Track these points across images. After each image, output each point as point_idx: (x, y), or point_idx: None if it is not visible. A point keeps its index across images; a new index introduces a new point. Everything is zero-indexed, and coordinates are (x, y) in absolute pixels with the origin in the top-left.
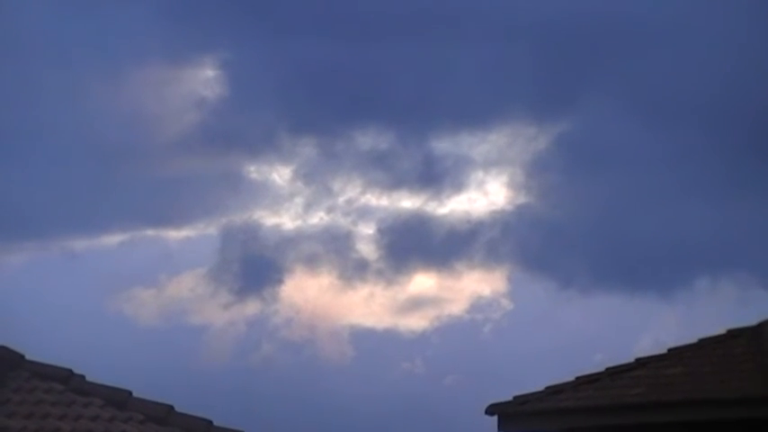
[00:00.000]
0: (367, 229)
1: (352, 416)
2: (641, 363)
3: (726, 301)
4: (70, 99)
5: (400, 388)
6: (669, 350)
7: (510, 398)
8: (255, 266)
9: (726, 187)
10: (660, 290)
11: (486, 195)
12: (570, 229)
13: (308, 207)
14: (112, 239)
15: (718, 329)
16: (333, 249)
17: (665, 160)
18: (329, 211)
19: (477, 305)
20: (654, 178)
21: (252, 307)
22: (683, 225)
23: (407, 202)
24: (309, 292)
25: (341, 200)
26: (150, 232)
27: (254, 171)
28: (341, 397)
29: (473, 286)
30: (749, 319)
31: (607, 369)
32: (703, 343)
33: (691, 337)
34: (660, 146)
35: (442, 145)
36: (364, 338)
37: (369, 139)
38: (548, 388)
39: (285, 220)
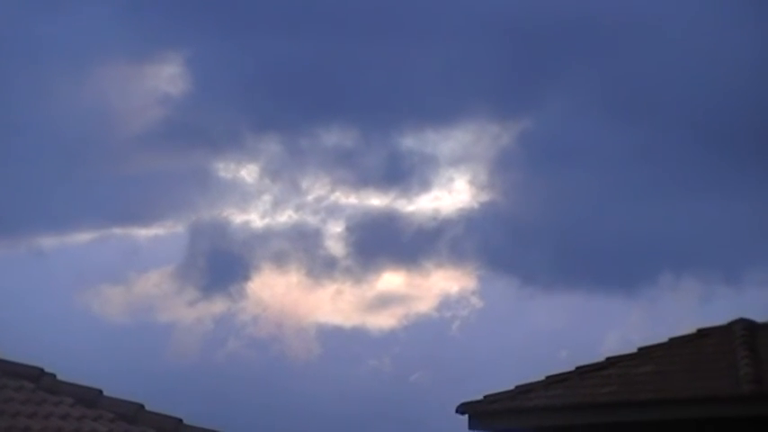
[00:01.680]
0: (335, 227)
1: (319, 414)
2: (611, 362)
3: (689, 297)
4: (35, 96)
5: (368, 386)
6: (639, 349)
7: (480, 397)
8: (224, 264)
9: (688, 184)
10: (624, 286)
11: (452, 193)
12: (536, 226)
13: (277, 205)
14: (81, 237)
15: (683, 326)
16: (301, 247)
17: (627, 157)
18: (298, 208)
19: (445, 303)
20: (617, 175)
21: (220, 304)
22: (646, 222)
23: (375, 200)
24: (277, 290)
25: (309, 198)
26: (118, 230)
27: (221, 168)
28: (308, 395)
29: (441, 284)
30: (713, 315)
31: (577, 368)
32: (673, 342)
33: (655, 334)
34: (623, 143)
35: (408, 142)
36: (332, 336)
37: (333, 137)
38: (518, 387)
39: (254, 217)
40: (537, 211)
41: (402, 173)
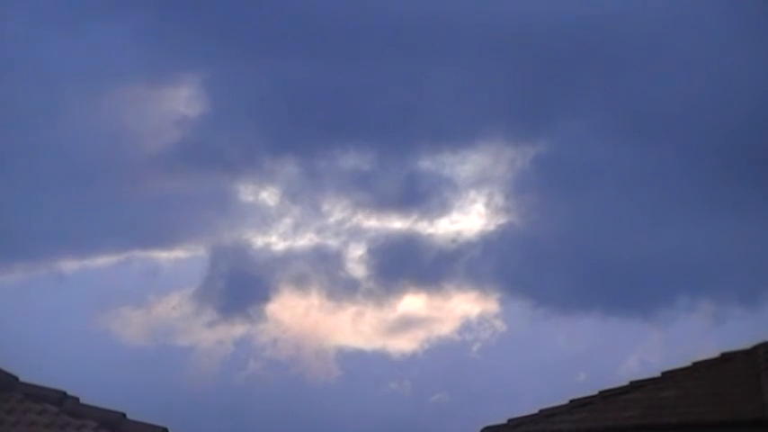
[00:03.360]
0: (356, 250)
1: None
2: (635, 385)
3: (706, 319)
4: (54, 118)
5: (389, 409)
6: (663, 373)
7: (504, 420)
8: (244, 286)
9: (705, 205)
10: (641, 308)
11: (470, 215)
12: (553, 248)
13: (298, 227)
14: (102, 260)
15: (700, 348)
16: (322, 269)
17: (643, 178)
18: (318, 231)
19: (465, 326)
20: (633, 197)
21: (240, 327)
22: (662, 243)
23: (395, 222)
24: (298, 312)
25: (330, 220)
26: (139, 253)
27: (241, 191)
28: (328, 417)
29: (461, 307)
30: (730, 336)
31: (601, 392)
32: (697, 366)
33: (673, 356)
34: (638, 164)
35: (425, 165)
36: (353, 359)
37: (351, 159)
38: (542, 411)
39: (275, 240)
40: (554, 233)
41: (421, 195)
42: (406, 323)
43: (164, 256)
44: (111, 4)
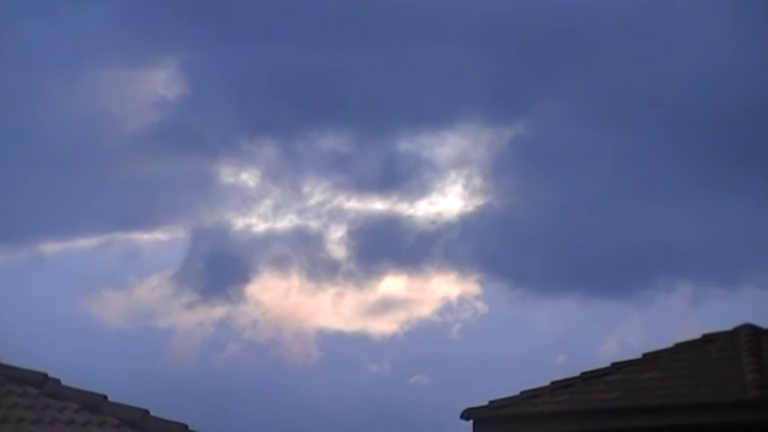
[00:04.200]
0: (337, 232)
1: (320, 418)
2: (617, 367)
3: (685, 300)
4: (32, 102)
5: (369, 391)
6: (644, 355)
7: (485, 402)
8: (225, 268)
9: (683, 188)
10: (620, 290)
11: (449, 197)
12: (532, 230)
13: (278, 209)
14: (82, 242)
15: (680, 330)
16: (303, 252)
17: (621, 161)
18: (299, 212)
19: (444, 307)
20: (611, 179)
21: (221, 309)
22: (641, 226)
23: (376, 204)
24: (279, 294)
25: (311, 202)
26: (120, 235)
27: (221, 173)
28: (309, 399)
29: (441, 288)
30: (710, 318)
31: (582, 374)
32: (679, 347)
33: (652, 338)
34: (616, 147)
35: (404, 146)
36: (333, 341)
37: (330, 141)
38: (523, 392)
39: (255, 221)
40: (534, 215)
41: (400, 177)
42: (387, 305)
43: (144, 237)
44: None
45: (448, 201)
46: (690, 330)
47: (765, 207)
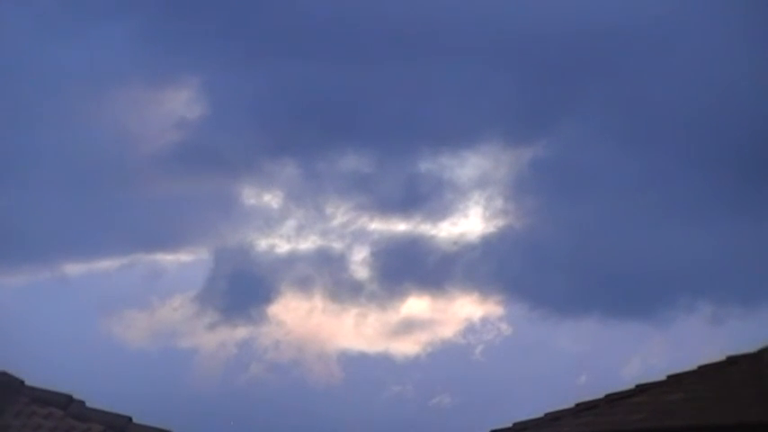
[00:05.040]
0: (360, 253)
1: None
2: (641, 389)
3: (706, 321)
4: (55, 122)
5: (392, 412)
6: (668, 376)
7: (509, 424)
8: (248, 289)
9: (704, 208)
10: (641, 311)
11: (471, 218)
12: (554, 251)
13: (301, 230)
14: (105, 263)
15: (702, 350)
16: (326, 272)
17: (642, 182)
18: (322, 234)
19: (467, 329)
20: (632, 200)
21: (243, 329)
22: (662, 247)
23: (399, 225)
24: (301, 315)
25: (333, 223)
26: (143, 256)
27: (245, 193)
28: (331, 420)
29: (463, 309)
30: (730, 338)
31: (606, 395)
32: (703, 369)
33: (674, 359)
34: (637, 168)
35: (426, 167)
36: (355, 362)
37: (350, 162)
38: (547, 414)
39: (278, 242)
40: (554, 236)
41: (422, 197)
42: (409, 326)
43: (167, 258)
44: (111, 7)
45: (469, 221)
46: (711, 351)
47: None
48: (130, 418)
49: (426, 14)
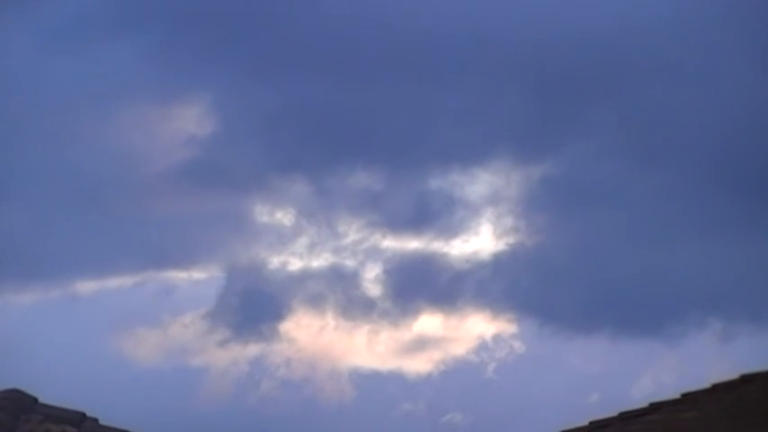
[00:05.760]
0: (372, 270)
1: None
2: (655, 407)
3: (717, 337)
4: (64, 139)
5: (403, 430)
6: (682, 395)
7: None
8: (259, 307)
9: (714, 225)
10: (652, 328)
11: (482, 236)
12: (564, 268)
13: (314, 247)
14: (117, 281)
15: (713, 368)
16: (338, 290)
17: (652, 199)
18: (335, 251)
19: (479, 346)
20: (641, 217)
21: (255, 347)
22: (672, 264)
23: (411, 242)
24: (313, 332)
25: (346, 241)
26: (155, 273)
27: (257, 211)
28: None
29: (475, 327)
30: (741, 355)
31: (620, 413)
32: (716, 387)
33: (685, 374)
34: (646, 185)
35: (436, 184)
36: (367, 380)
37: (360, 179)
38: None
39: (291, 259)
40: (564, 253)
41: (433, 215)
42: (422, 343)
43: (179, 276)
44: (119, 24)
45: (481, 239)
46: (721, 368)
47: None
48: None
49: (435, 32)
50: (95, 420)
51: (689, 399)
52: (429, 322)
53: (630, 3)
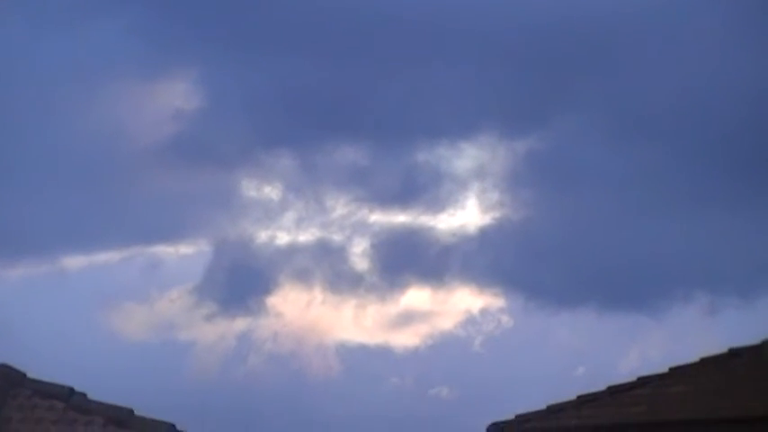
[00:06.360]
0: (359, 244)
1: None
2: (643, 381)
3: (702, 312)
4: (52, 117)
5: (391, 404)
6: (670, 369)
7: (511, 416)
8: (247, 281)
9: (698, 201)
10: (637, 303)
11: (471, 210)
12: (550, 243)
13: (301, 222)
14: (105, 256)
15: (699, 342)
16: (326, 264)
17: (637, 176)
18: (322, 226)
19: (468, 320)
20: (626, 193)
21: (243, 321)
22: (657, 239)
23: (397, 216)
24: (301, 307)
25: (333, 215)
26: (143, 248)
27: (244, 186)
28: (330, 413)
29: (463, 301)
30: (726, 329)
31: (608, 387)
32: (705, 361)
33: (672, 348)
34: (632, 161)
35: (424, 158)
36: (355, 353)
37: (348, 154)
38: (549, 407)
39: (278, 234)
40: (549, 228)
41: (420, 189)
42: (409, 317)
43: (167, 251)
44: (106, 1)
45: (467, 213)
46: (709, 342)
47: None
48: (132, 411)
49: (421, 8)
50: (84, 395)
51: (677, 373)
52: (416, 296)
53: None
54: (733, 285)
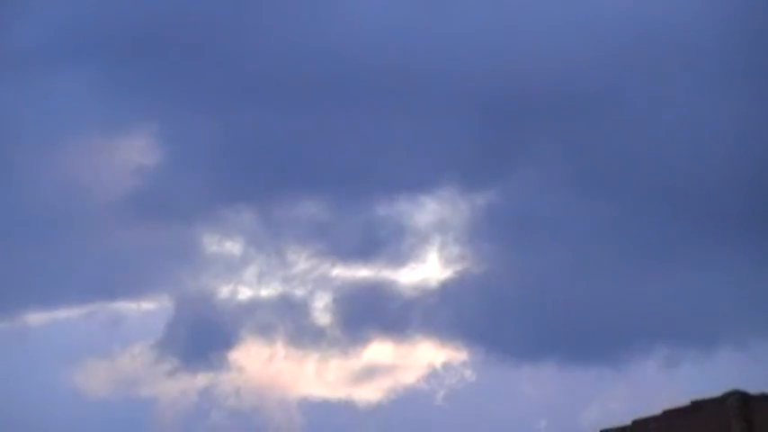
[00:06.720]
0: (322, 299)
1: None
2: None
3: (663, 363)
4: (12, 173)
5: None
6: (634, 422)
7: None
8: (208, 336)
9: (660, 255)
10: (596, 355)
11: (432, 264)
12: (510, 296)
13: (262, 276)
14: (67, 312)
15: (660, 395)
16: (288, 319)
17: (598, 229)
18: (284, 280)
19: (430, 374)
20: (588, 247)
21: (204, 377)
22: (614, 291)
23: (360, 271)
24: (263, 362)
25: (295, 270)
26: (104, 304)
27: (206, 241)
28: None
29: (425, 355)
30: (688, 381)
31: None
32: (668, 414)
33: (633, 402)
34: (593, 215)
35: (385, 212)
36: (317, 408)
37: (308, 208)
38: None
39: (240, 289)
40: (510, 281)
41: (382, 243)
42: (372, 371)
43: (129, 306)
44: (65, 57)
45: (428, 267)
46: (669, 393)
47: (738, 274)
48: None
49: (382, 64)
50: None
51: (640, 427)
52: (379, 350)
53: (576, 37)
54: (692, 338)
